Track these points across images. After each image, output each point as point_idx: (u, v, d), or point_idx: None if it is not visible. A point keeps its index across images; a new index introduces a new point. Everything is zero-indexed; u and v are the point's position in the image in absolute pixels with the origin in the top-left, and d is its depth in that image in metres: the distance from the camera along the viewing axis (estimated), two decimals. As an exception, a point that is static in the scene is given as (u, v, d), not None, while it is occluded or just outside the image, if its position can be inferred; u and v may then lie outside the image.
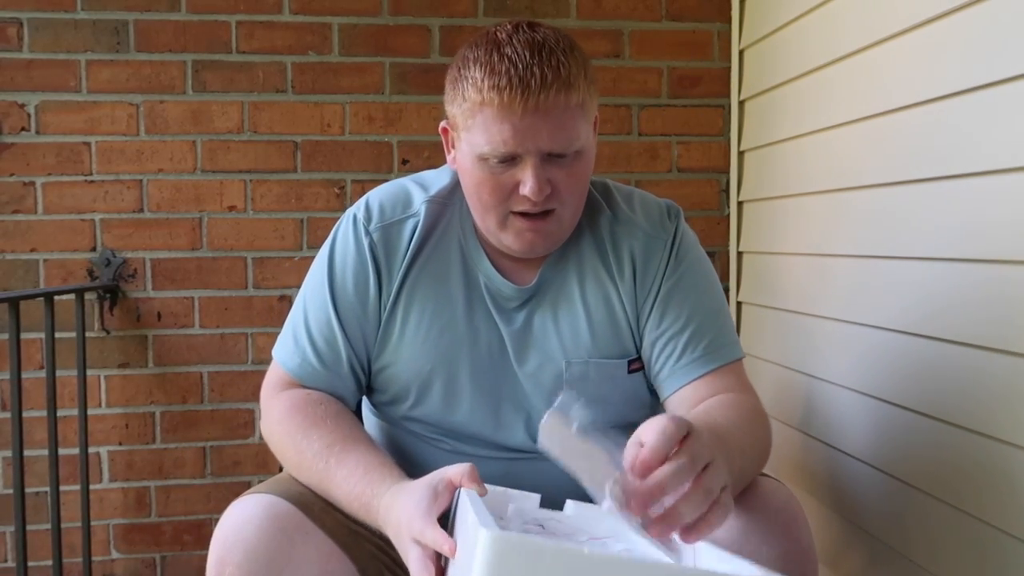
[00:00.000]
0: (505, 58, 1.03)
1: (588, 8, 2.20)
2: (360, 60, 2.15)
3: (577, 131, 1.06)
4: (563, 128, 1.05)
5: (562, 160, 1.07)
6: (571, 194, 1.10)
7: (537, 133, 1.04)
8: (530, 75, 1.01)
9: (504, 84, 1.02)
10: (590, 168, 1.13)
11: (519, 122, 1.03)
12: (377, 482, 1.01)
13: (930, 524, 1.37)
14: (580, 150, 1.08)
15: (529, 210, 1.09)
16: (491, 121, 1.04)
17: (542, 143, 1.04)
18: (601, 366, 1.18)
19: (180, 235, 2.13)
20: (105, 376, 2.12)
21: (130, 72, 2.09)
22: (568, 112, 1.04)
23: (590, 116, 1.10)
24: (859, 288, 1.60)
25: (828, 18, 1.71)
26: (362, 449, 1.07)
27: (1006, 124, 1.19)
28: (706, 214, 2.27)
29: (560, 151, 1.06)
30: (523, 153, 1.05)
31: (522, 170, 1.06)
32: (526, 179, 1.06)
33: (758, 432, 1.10)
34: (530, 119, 1.03)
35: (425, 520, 0.90)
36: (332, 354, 1.18)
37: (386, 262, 1.19)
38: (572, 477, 0.85)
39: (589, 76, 1.08)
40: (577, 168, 1.09)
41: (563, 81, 1.03)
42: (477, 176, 1.09)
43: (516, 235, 1.12)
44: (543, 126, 1.03)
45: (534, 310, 1.19)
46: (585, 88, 1.06)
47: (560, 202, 1.10)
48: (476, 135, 1.06)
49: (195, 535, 2.16)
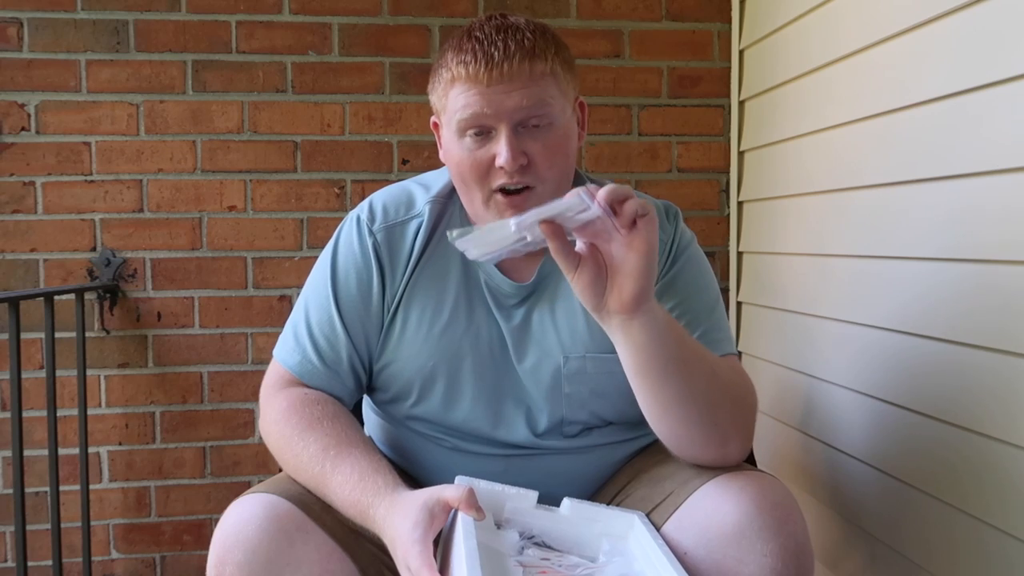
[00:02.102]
0: (473, 39, 1.10)
1: (588, 8, 2.20)
2: (360, 60, 2.15)
3: (546, 99, 1.09)
4: (529, 95, 1.08)
5: (536, 131, 1.10)
6: (548, 168, 1.11)
7: (504, 99, 1.08)
8: (494, 48, 1.07)
9: (470, 59, 1.08)
10: (569, 145, 1.14)
11: (487, 90, 1.07)
12: (372, 491, 1.02)
13: (929, 524, 1.37)
14: (552, 121, 1.10)
15: (507, 184, 1.11)
16: (461, 94, 1.09)
17: (510, 108, 1.08)
18: (598, 361, 1.18)
19: (180, 235, 2.13)
20: (105, 376, 2.12)
21: (130, 72, 2.09)
22: (534, 80, 1.08)
23: (565, 93, 1.13)
24: (859, 288, 1.60)
25: (828, 18, 1.71)
26: (357, 453, 1.07)
27: (1005, 124, 1.20)
28: (706, 214, 2.27)
29: (528, 116, 1.09)
30: (495, 123, 1.09)
31: (497, 142, 1.09)
32: (500, 149, 1.09)
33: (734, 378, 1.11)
34: (496, 86, 1.07)
35: (417, 548, 0.93)
36: (332, 353, 1.18)
37: (390, 263, 1.19)
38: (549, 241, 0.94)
39: (563, 57, 1.13)
40: (551, 140, 1.11)
41: (526, 51, 1.08)
42: (458, 156, 1.13)
43: (498, 213, 1.13)
44: (510, 92, 1.07)
45: (533, 307, 1.20)
46: (555, 63, 1.11)
47: (538, 178, 1.11)
48: (452, 112, 1.11)
49: (195, 535, 2.16)
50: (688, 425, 1.05)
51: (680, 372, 1.01)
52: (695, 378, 1.03)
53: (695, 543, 1.02)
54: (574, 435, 1.22)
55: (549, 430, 1.20)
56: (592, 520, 1.06)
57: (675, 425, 1.06)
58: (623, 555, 1.02)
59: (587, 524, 1.05)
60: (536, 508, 1.05)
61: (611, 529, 1.05)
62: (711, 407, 1.04)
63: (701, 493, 1.05)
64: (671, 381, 1.01)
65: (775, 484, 1.06)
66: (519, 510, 1.05)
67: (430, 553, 0.93)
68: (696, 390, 1.03)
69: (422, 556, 0.92)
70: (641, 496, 1.14)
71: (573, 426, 1.21)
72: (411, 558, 0.93)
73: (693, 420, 1.04)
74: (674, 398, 1.03)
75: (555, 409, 1.19)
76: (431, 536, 0.94)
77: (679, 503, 1.07)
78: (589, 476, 1.24)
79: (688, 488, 1.07)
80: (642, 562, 0.99)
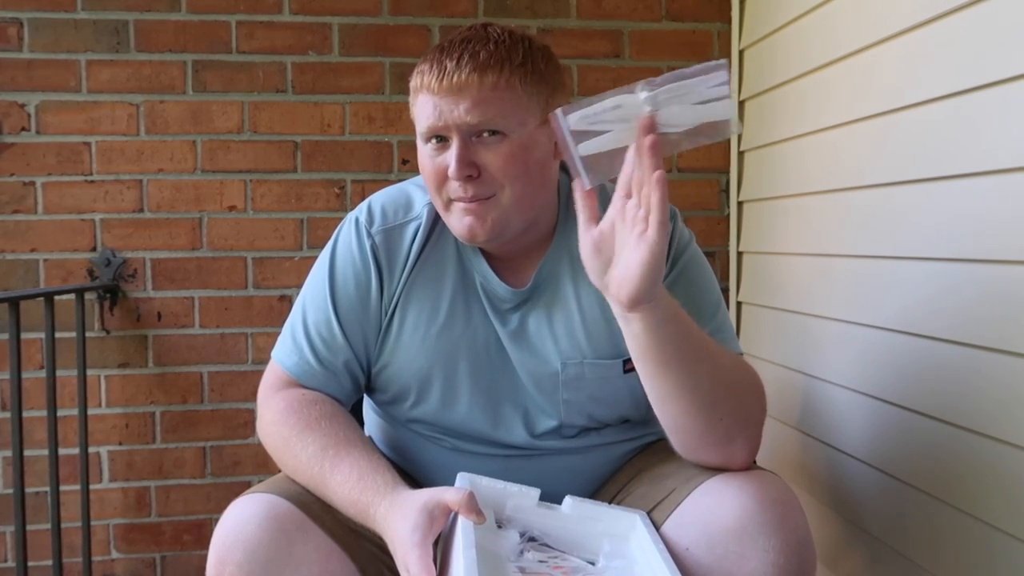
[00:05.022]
0: (440, 48, 1.12)
1: (588, 8, 2.20)
2: (360, 60, 2.15)
3: (495, 110, 1.09)
4: (477, 104, 1.08)
5: (489, 141, 1.10)
6: (506, 177, 1.11)
7: (454, 108, 1.09)
8: (448, 59, 1.10)
9: (426, 68, 1.11)
10: (529, 156, 1.12)
11: (439, 100, 1.10)
12: (371, 490, 1.02)
13: (929, 524, 1.37)
14: (507, 133, 1.10)
15: (459, 195, 1.12)
16: (420, 103, 1.12)
17: (458, 117, 1.09)
18: (596, 367, 1.18)
19: (180, 235, 2.13)
20: (105, 376, 2.12)
21: (130, 72, 2.09)
22: (482, 91, 1.09)
23: (526, 105, 1.11)
24: (859, 288, 1.60)
25: (828, 18, 1.71)
26: (356, 453, 1.07)
27: (1005, 124, 1.19)
28: (706, 214, 2.27)
29: (476, 124, 1.09)
30: (446, 131, 1.10)
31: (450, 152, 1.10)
32: (450, 159, 1.10)
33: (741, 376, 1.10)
34: (446, 97, 1.09)
35: (417, 553, 0.93)
36: (330, 354, 1.18)
37: (388, 265, 1.19)
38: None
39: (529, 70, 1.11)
40: (504, 151, 1.10)
41: (478, 63, 1.09)
42: (423, 161, 1.15)
43: (458, 220, 1.13)
44: (459, 102, 1.08)
45: (529, 312, 1.20)
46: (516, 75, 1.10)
47: (494, 185, 1.11)
48: (416, 118, 1.14)
49: (195, 535, 2.16)
50: (687, 416, 1.04)
51: (680, 364, 1.01)
52: (697, 372, 1.02)
53: (697, 539, 1.02)
54: (573, 436, 1.22)
55: (547, 432, 1.20)
56: (594, 519, 1.06)
57: (676, 414, 1.05)
58: (623, 557, 1.02)
59: (589, 523, 1.05)
60: (538, 506, 1.05)
61: (613, 529, 1.05)
62: (713, 402, 1.04)
63: (702, 490, 1.05)
64: (669, 372, 1.01)
65: (776, 481, 1.06)
66: (521, 508, 1.05)
67: (429, 557, 0.93)
68: (697, 383, 1.02)
69: (421, 561, 0.93)
70: (642, 494, 1.14)
71: (571, 429, 1.21)
72: (410, 562, 0.93)
73: (693, 412, 1.03)
74: (674, 388, 1.02)
75: (553, 413, 1.20)
76: (431, 539, 0.95)
77: (680, 500, 1.07)
78: (589, 475, 1.24)
79: (690, 485, 1.07)
80: (642, 566, 0.99)
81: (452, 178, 1.10)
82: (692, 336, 1.03)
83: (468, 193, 1.10)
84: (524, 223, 1.16)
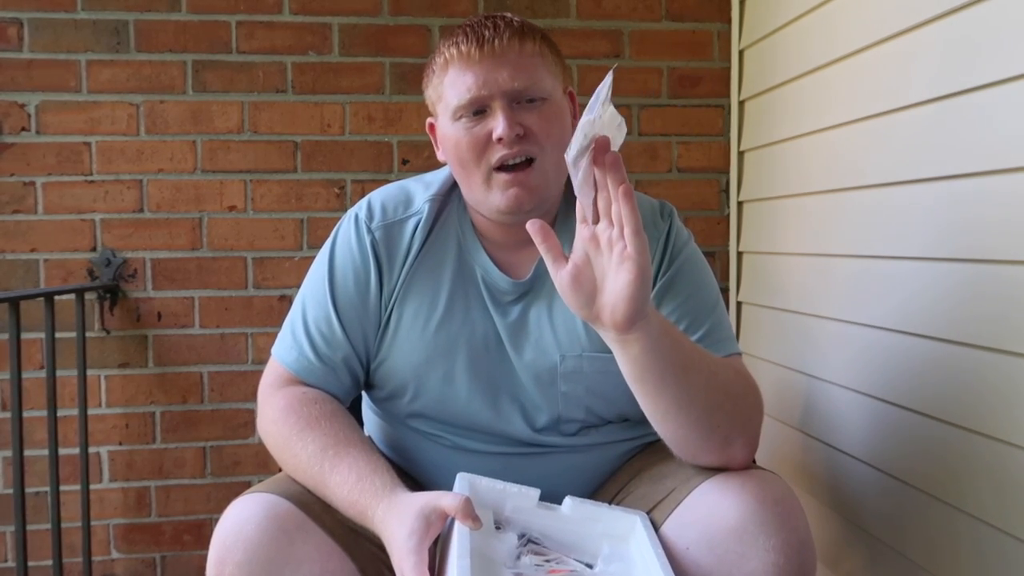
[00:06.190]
0: (464, 27, 1.15)
1: (588, 8, 2.20)
2: (360, 60, 2.15)
3: (538, 75, 1.13)
4: (522, 69, 1.11)
5: (531, 105, 1.12)
6: (548, 138, 1.12)
7: (498, 74, 1.10)
8: (484, 28, 1.12)
9: (461, 40, 1.12)
10: (564, 120, 1.17)
11: (479, 68, 1.11)
12: (369, 492, 1.02)
13: (929, 523, 1.37)
14: (547, 96, 1.13)
15: (507, 159, 1.12)
16: (456, 75, 1.13)
17: (504, 82, 1.10)
18: (595, 360, 1.18)
19: (180, 235, 2.13)
20: (105, 376, 2.12)
21: (130, 72, 2.09)
22: (524, 57, 1.12)
23: (555, 75, 1.16)
24: (859, 288, 1.60)
25: (828, 18, 1.71)
26: (355, 453, 1.07)
27: (1005, 124, 1.20)
28: (706, 214, 2.27)
29: (522, 89, 1.11)
30: (490, 99, 1.11)
31: (493, 118, 1.11)
32: (497, 123, 1.10)
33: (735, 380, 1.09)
34: (488, 62, 1.11)
35: (412, 559, 0.93)
36: (329, 350, 1.18)
37: (388, 260, 1.20)
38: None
39: (551, 46, 1.17)
40: (547, 112, 1.13)
41: (515, 30, 1.13)
42: (455, 138, 1.14)
43: (501, 192, 1.13)
44: (502, 67, 1.11)
45: (530, 304, 1.20)
46: (544, 46, 1.15)
47: (539, 147, 1.12)
48: (447, 96, 1.14)
49: (195, 535, 2.16)
50: (687, 428, 1.04)
51: (677, 379, 1.01)
52: (693, 384, 1.02)
53: (697, 539, 1.02)
54: (572, 433, 1.22)
55: (546, 427, 1.20)
56: (594, 520, 1.06)
57: (675, 428, 1.05)
58: (622, 560, 1.01)
59: (588, 524, 1.05)
60: (538, 507, 1.05)
61: (613, 530, 1.05)
62: (709, 411, 1.04)
63: (702, 490, 1.05)
64: (668, 389, 1.01)
65: (777, 480, 1.06)
66: (521, 509, 1.05)
67: (424, 563, 0.93)
68: (694, 396, 1.02)
69: (416, 568, 0.93)
70: (642, 494, 1.14)
71: (571, 424, 1.21)
72: (405, 568, 0.93)
73: (691, 424, 1.04)
74: (672, 404, 1.02)
75: (551, 407, 1.20)
76: (427, 544, 0.95)
77: (680, 499, 1.07)
78: (589, 474, 1.24)
79: (690, 485, 1.07)
80: (640, 570, 0.99)
81: (504, 138, 1.10)
82: (684, 346, 1.03)
83: (515, 150, 1.11)
84: (558, 192, 1.19)
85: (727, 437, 1.06)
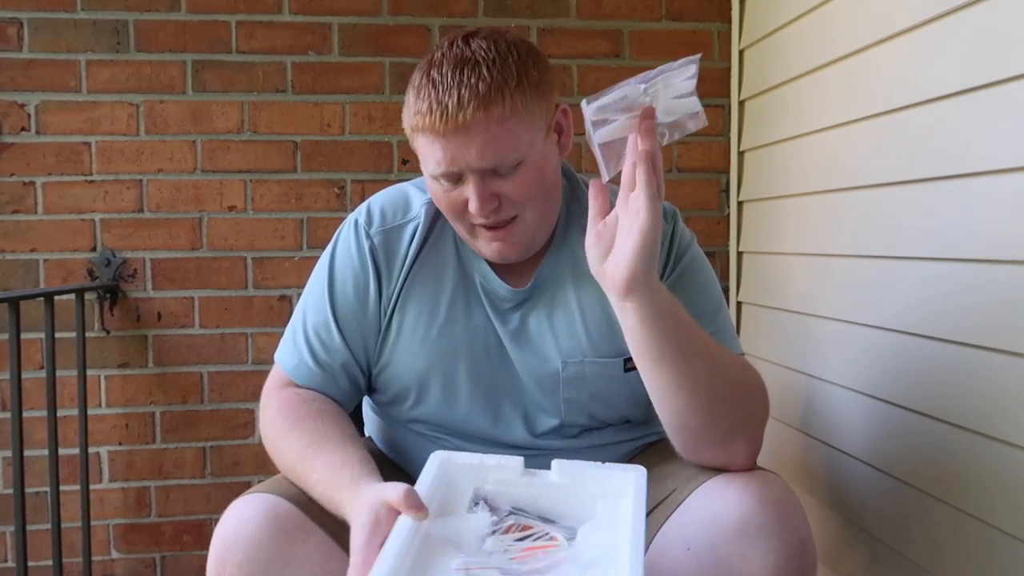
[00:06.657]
0: (431, 82, 1.06)
1: (588, 8, 2.20)
2: (360, 60, 2.15)
3: (508, 143, 1.06)
4: (490, 143, 1.04)
5: (504, 173, 1.08)
6: (526, 199, 1.11)
7: (465, 151, 1.05)
8: (448, 96, 1.03)
9: (426, 109, 1.05)
10: (544, 174, 1.11)
11: (446, 143, 1.05)
12: (338, 486, 1.01)
13: (930, 523, 1.37)
14: (521, 161, 1.08)
15: (482, 223, 1.11)
16: (425, 144, 1.08)
17: (472, 161, 1.05)
18: (597, 365, 1.18)
19: (180, 235, 2.13)
20: (105, 376, 2.12)
21: (130, 72, 2.09)
22: (490, 127, 1.04)
23: (532, 124, 1.08)
24: (859, 288, 1.60)
25: (827, 18, 1.71)
26: (330, 448, 1.06)
27: (1006, 124, 1.20)
28: (706, 214, 2.27)
29: (490, 167, 1.06)
30: (460, 172, 1.08)
31: (467, 187, 1.08)
32: (470, 197, 1.08)
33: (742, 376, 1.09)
34: (454, 138, 1.04)
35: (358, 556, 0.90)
36: (328, 356, 1.19)
37: (387, 266, 1.20)
38: None
39: (527, 85, 1.07)
40: (521, 178, 1.09)
41: (481, 98, 1.03)
42: (435, 193, 1.14)
43: (486, 244, 1.14)
44: (469, 144, 1.04)
45: (530, 311, 1.20)
46: (516, 98, 1.05)
47: (519, 207, 1.11)
48: (421, 156, 1.11)
49: (195, 535, 2.16)
50: (688, 414, 1.04)
51: (678, 360, 1.01)
52: (695, 369, 1.02)
53: (698, 539, 1.02)
54: (574, 436, 1.22)
55: (548, 432, 1.20)
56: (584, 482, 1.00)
57: (676, 412, 1.04)
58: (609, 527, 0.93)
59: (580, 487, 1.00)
60: (523, 475, 1.00)
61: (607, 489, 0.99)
62: (711, 400, 1.03)
63: (704, 490, 1.05)
64: (667, 367, 1.01)
65: (778, 481, 1.06)
66: (504, 480, 1.00)
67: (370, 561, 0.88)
68: (696, 380, 1.02)
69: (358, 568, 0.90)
70: (642, 495, 1.14)
71: (573, 428, 1.21)
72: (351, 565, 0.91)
73: (692, 409, 1.03)
74: (671, 384, 1.02)
75: (554, 412, 1.20)
76: (376, 539, 0.90)
77: (681, 500, 1.07)
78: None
79: (691, 485, 1.07)
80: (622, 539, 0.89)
81: (476, 214, 1.09)
82: (690, 332, 1.03)
83: (491, 220, 1.10)
84: (548, 232, 1.18)
85: (729, 431, 1.05)
